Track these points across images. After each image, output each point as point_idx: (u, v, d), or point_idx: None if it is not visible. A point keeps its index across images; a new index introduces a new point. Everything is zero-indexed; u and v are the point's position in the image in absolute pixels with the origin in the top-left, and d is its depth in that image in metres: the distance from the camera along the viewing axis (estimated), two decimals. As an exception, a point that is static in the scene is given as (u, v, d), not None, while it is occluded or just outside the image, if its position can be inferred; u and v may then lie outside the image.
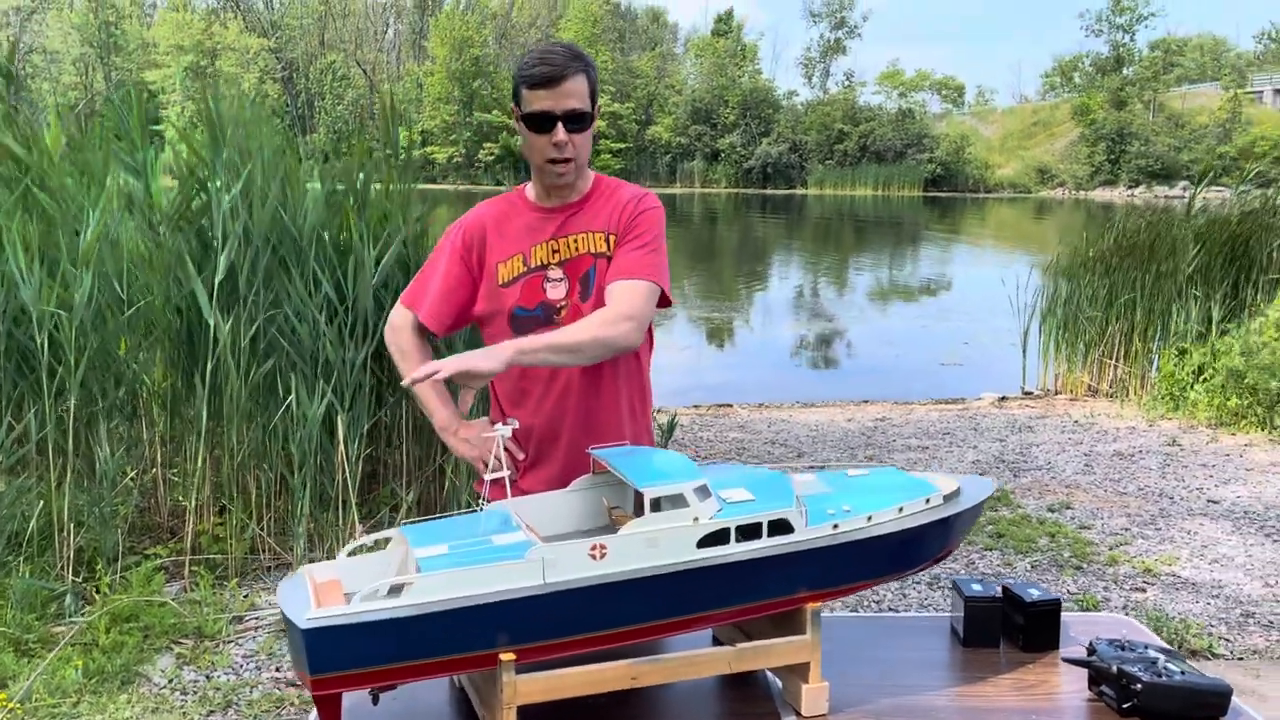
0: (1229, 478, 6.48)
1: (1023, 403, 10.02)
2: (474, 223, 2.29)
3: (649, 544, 1.66)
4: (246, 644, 3.92)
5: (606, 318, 2.12)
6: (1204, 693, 1.73)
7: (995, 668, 1.96)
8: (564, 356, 2.05)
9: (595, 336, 2.07)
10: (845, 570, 1.79)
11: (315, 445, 4.30)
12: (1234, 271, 9.51)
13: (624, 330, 2.09)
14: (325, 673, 1.55)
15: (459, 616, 1.57)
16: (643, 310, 2.14)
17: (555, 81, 2.12)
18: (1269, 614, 4.25)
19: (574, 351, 2.06)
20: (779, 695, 1.84)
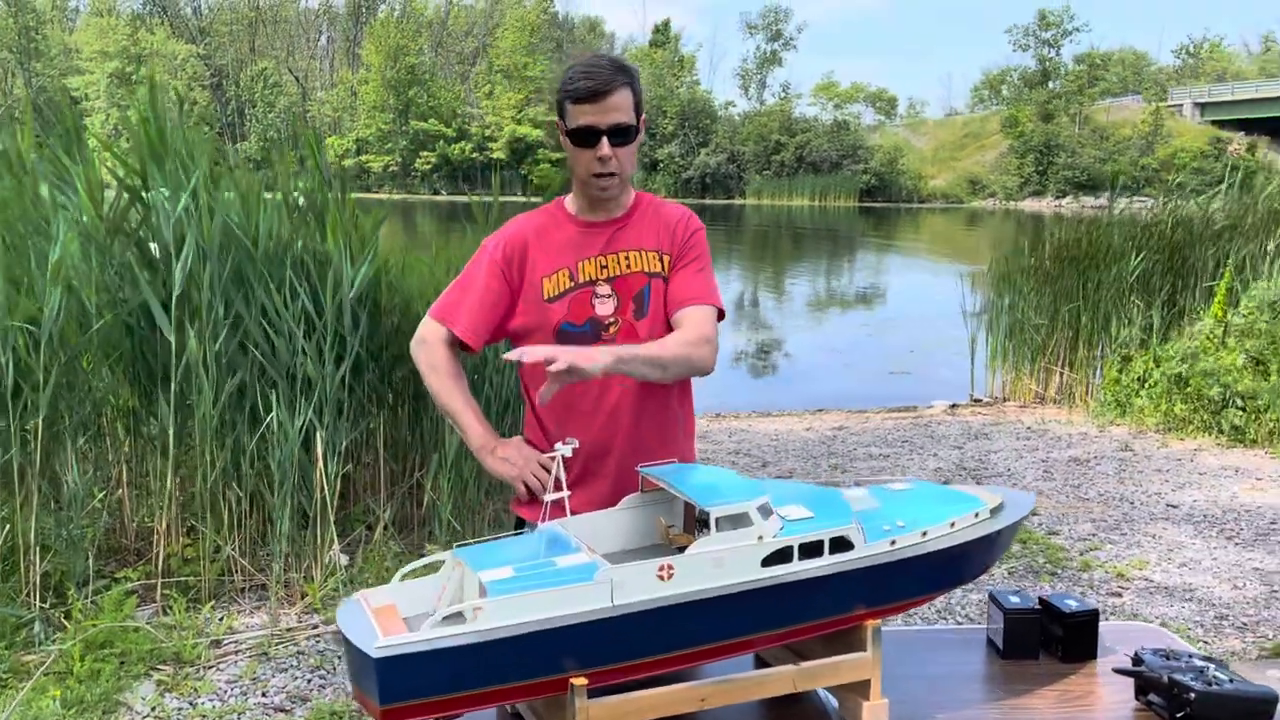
0: (1184, 482, 6.65)
1: (974, 410, 10.19)
2: (515, 236, 2.25)
3: (715, 564, 1.65)
4: (229, 669, 3.81)
5: (689, 339, 2.14)
6: (1254, 700, 1.76)
7: (1038, 680, 1.98)
8: (654, 371, 2.09)
9: (682, 355, 2.13)
10: (903, 586, 1.79)
11: (294, 463, 4.20)
12: (1172, 279, 9.79)
13: (705, 353, 2.17)
14: (396, 702, 1.50)
15: (532, 641, 1.54)
16: (715, 334, 2.21)
17: (600, 96, 2.10)
18: (1241, 615, 4.37)
19: (663, 367, 2.10)
20: (834, 712, 1.83)
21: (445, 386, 2.24)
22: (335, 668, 3.83)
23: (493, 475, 2.29)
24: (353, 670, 1.57)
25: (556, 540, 1.73)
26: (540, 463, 2.22)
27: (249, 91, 69.55)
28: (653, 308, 2.22)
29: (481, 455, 2.24)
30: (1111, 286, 9.83)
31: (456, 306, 2.25)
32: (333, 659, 3.89)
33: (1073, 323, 10.06)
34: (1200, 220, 10.02)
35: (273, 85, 69.98)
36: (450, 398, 2.25)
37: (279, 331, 4.27)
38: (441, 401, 2.27)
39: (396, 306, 4.81)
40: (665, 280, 2.25)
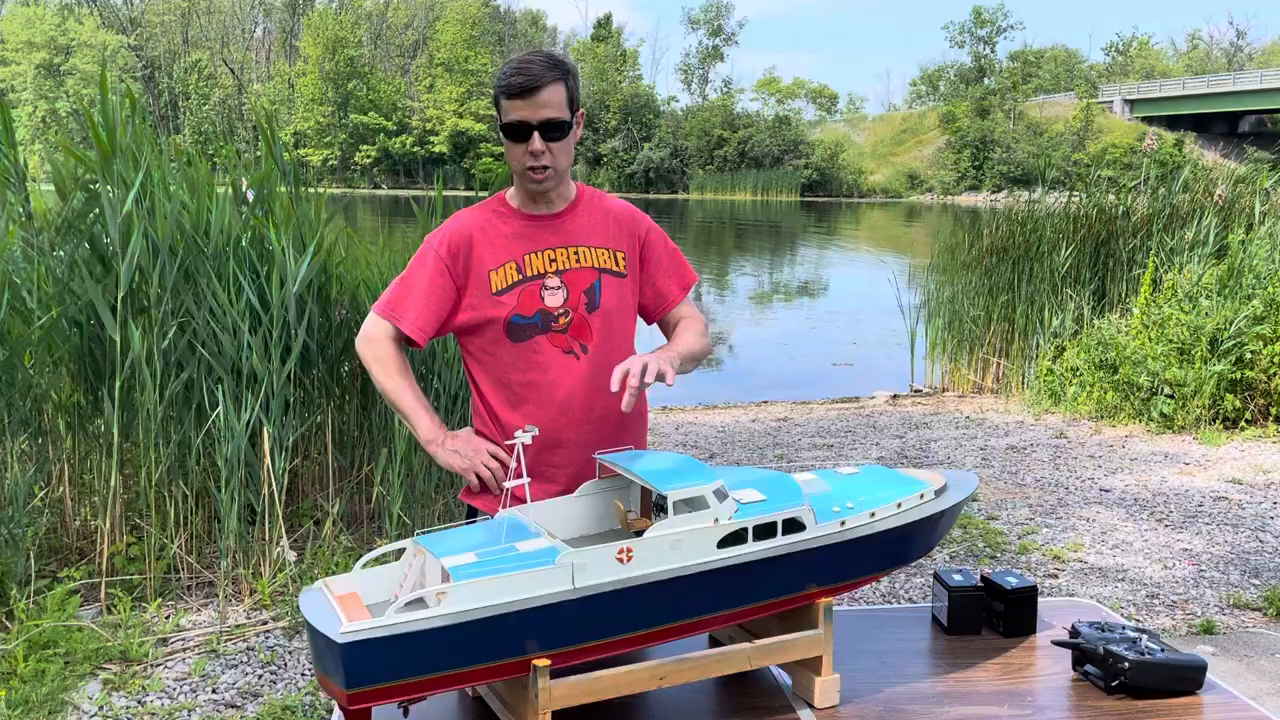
0: (1115, 468, 6.86)
1: (915, 400, 10.38)
2: (459, 231, 2.27)
3: (673, 546, 1.69)
4: (176, 666, 3.77)
5: (700, 330, 2.38)
6: (1184, 668, 1.86)
7: (981, 653, 2.06)
8: (690, 366, 2.31)
9: (706, 348, 2.38)
10: (853, 565, 1.85)
11: (241, 459, 4.17)
12: (1101, 270, 10.06)
13: (710, 341, 2.43)
14: (363, 686, 1.53)
15: (496, 624, 1.57)
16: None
17: (531, 91, 2.13)
18: (1171, 594, 4.53)
19: (695, 361, 2.33)
20: (788, 689, 1.89)
21: (393, 382, 2.26)
22: (286, 663, 3.82)
23: (443, 467, 2.31)
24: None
25: (516, 526, 1.77)
26: (490, 452, 2.25)
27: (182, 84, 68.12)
28: (604, 301, 2.26)
29: (431, 448, 2.26)
30: (1044, 278, 10.08)
31: (401, 302, 2.27)
32: (284, 654, 3.87)
33: (1008, 314, 10.31)
34: (1123, 213, 10.30)
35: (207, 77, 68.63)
36: (398, 393, 2.27)
37: (224, 327, 4.23)
38: (389, 397, 2.29)
39: (344, 299, 4.79)
40: (618, 276, 2.29)
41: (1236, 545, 5.18)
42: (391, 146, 64.44)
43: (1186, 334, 7.92)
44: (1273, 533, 5.36)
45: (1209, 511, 5.78)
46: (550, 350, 2.22)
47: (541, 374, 2.22)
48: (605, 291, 2.26)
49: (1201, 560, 4.95)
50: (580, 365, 2.23)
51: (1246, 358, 7.78)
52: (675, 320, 2.42)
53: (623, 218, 2.35)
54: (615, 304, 2.28)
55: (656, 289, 2.41)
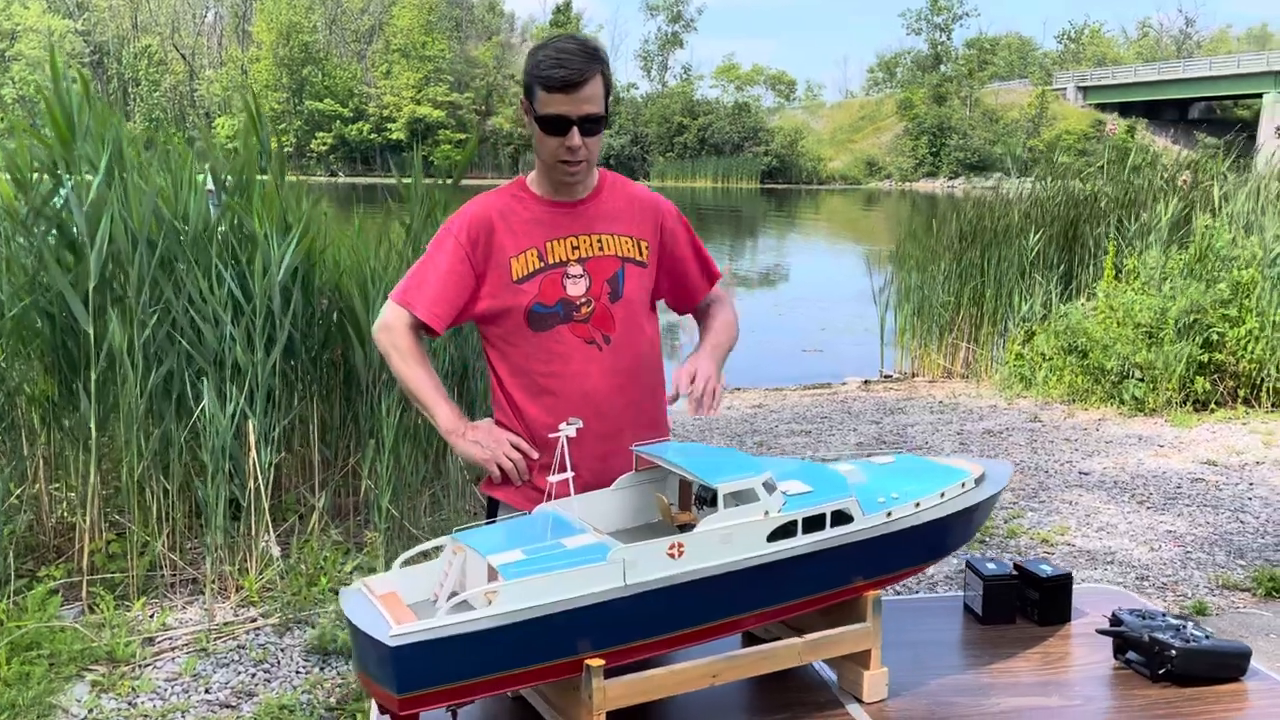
0: (1092, 450, 6.92)
1: (886, 385, 10.43)
2: (478, 217, 2.20)
3: (723, 540, 1.65)
4: (166, 666, 3.67)
5: (730, 319, 2.42)
6: (1229, 654, 1.85)
7: (1019, 643, 2.04)
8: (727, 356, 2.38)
9: (735, 337, 2.41)
10: (899, 557, 1.82)
11: (226, 453, 4.06)
12: (1068, 256, 10.15)
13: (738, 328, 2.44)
14: (415, 691, 1.47)
15: (548, 623, 1.52)
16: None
17: (574, 87, 2.06)
18: (1160, 576, 4.57)
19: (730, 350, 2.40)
20: (833, 684, 1.86)
21: (411, 371, 2.20)
22: (280, 661, 3.73)
23: (463, 458, 2.25)
24: (363, 660, 1.53)
25: (558, 521, 1.71)
26: (512, 443, 2.19)
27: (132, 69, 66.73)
28: (627, 291, 2.21)
29: (452, 439, 2.20)
30: (1013, 263, 10.15)
31: (419, 290, 2.20)
32: (276, 652, 3.78)
33: (977, 299, 10.38)
34: (1088, 198, 10.40)
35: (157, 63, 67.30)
36: (417, 382, 2.21)
37: (205, 317, 4.11)
38: (408, 386, 2.22)
39: (326, 286, 4.68)
40: (640, 266, 2.24)
41: (1218, 526, 5.24)
42: (348, 133, 63.60)
43: (1151, 317, 8.01)
44: (1252, 513, 5.44)
45: (1188, 493, 5.84)
46: (572, 340, 2.17)
47: (564, 364, 2.17)
48: (628, 281, 2.21)
49: (1186, 542, 5.01)
50: (602, 356, 2.18)
51: (1214, 340, 7.89)
52: (705, 306, 2.39)
53: (646, 206, 2.30)
54: (637, 294, 2.23)
55: (684, 281, 2.38)
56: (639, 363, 2.25)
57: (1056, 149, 15.91)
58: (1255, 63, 56.02)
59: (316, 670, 3.67)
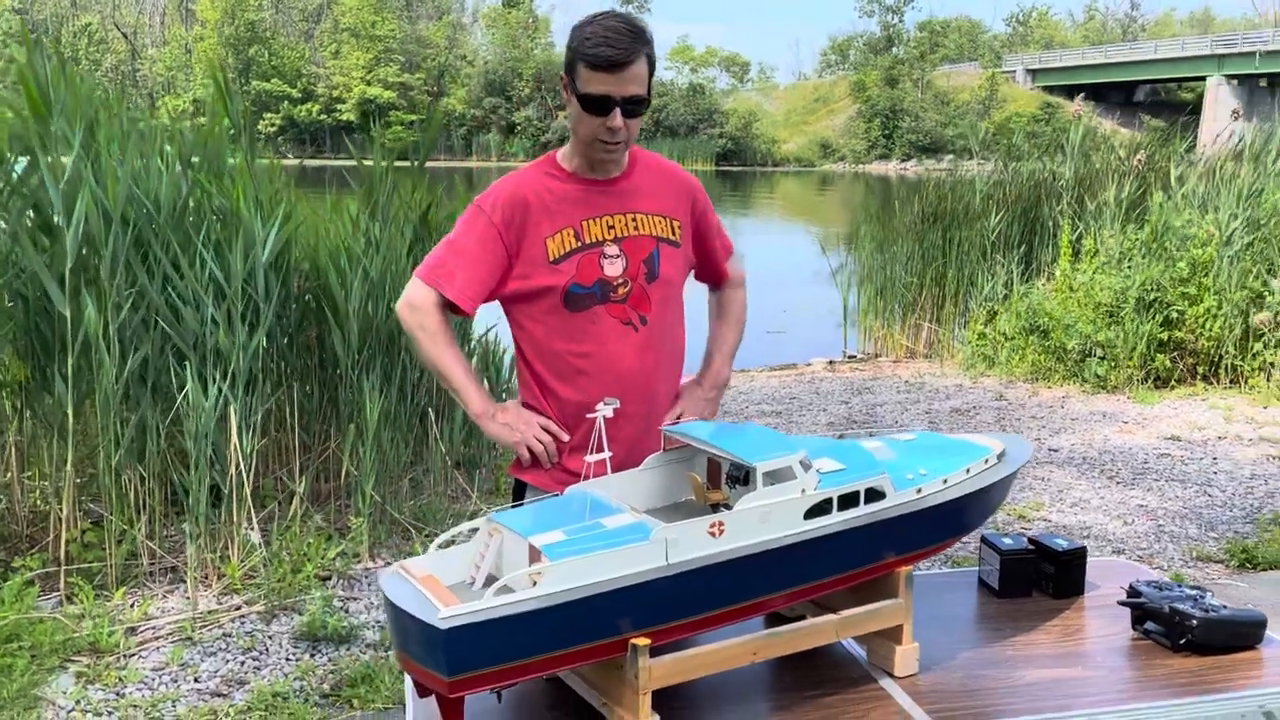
0: (1059, 428, 7.04)
1: (852, 366, 10.51)
2: (513, 195, 2.16)
3: (762, 519, 1.65)
4: (151, 656, 3.61)
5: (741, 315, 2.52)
6: (1247, 623, 1.89)
7: (1037, 615, 2.07)
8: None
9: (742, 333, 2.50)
10: (929, 533, 1.84)
11: (209, 440, 3.99)
12: (1028, 236, 10.28)
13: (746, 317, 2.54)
14: (464, 673, 1.46)
15: (594, 603, 1.51)
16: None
17: (620, 67, 2.03)
18: (1136, 549, 4.67)
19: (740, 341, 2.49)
20: (863, 660, 1.87)
21: (441, 352, 2.17)
22: (268, 648, 3.69)
23: (492, 440, 2.23)
24: (406, 644, 1.51)
25: (595, 502, 1.70)
26: (542, 425, 2.18)
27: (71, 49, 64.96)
28: (664, 272, 2.20)
29: (481, 421, 2.18)
30: (974, 244, 10.26)
31: (447, 267, 2.16)
32: (264, 640, 3.73)
33: (939, 280, 10.49)
34: (1047, 179, 10.54)
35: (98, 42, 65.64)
36: (447, 365, 2.18)
37: (186, 300, 4.03)
38: (437, 367, 2.19)
39: (302, 266, 4.61)
40: (674, 246, 2.24)
41: (1187, 500, 5.36)
42: (296, 114, 62.54)
43: (1111, 296, 8.15)
44: (1219, 487, 5.57)
45: (1155, 468, 5.97)
46: (609, 321, 2.15)
47: (599, 345, 2.15)
48: (664, 262, 2.20)
49: (1158, 515, 5.12)
50: (638, 337, 2.17)
51: (1174, 318, 8.05)
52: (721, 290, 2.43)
53: (680, 185, 2.29)
54: (673, 274, 2.23)
55: (710, 259, 2.40)
56: (672, 344, 2.25)
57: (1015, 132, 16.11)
58: (1199, 46, 57.04)
59: (307, 657, 3.63)
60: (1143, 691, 1.76)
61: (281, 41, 65.91)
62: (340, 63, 64.70)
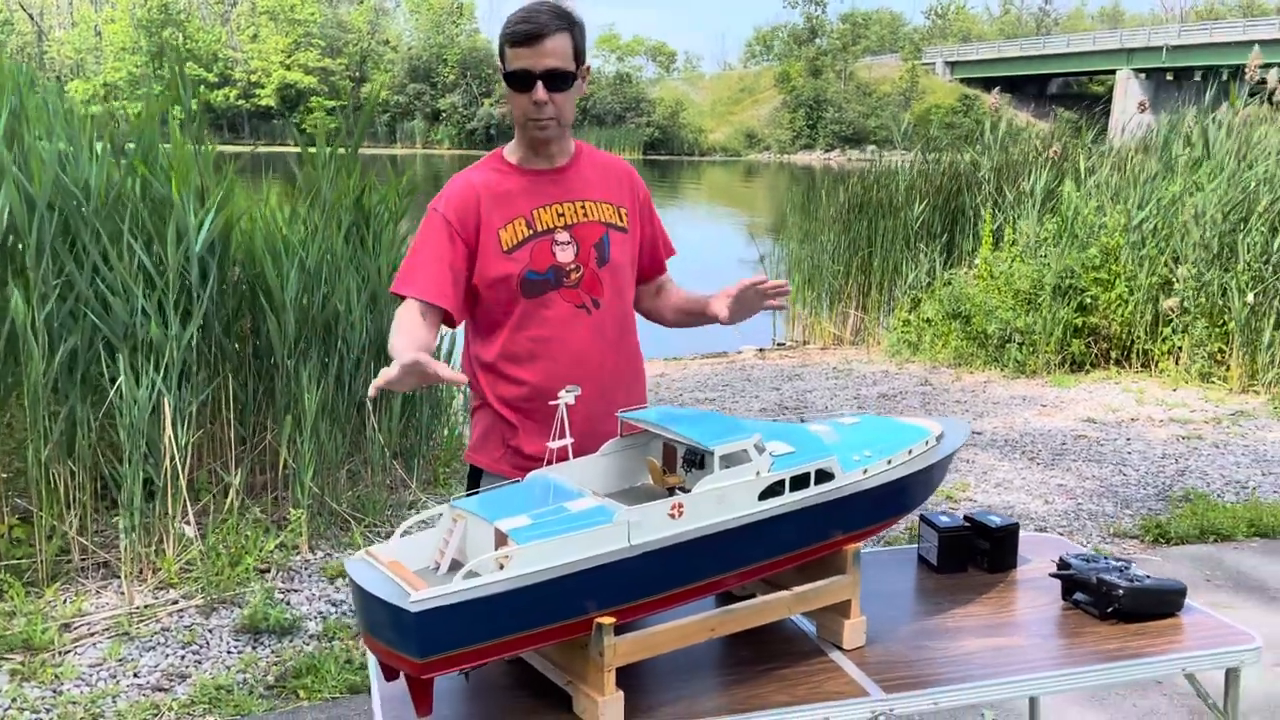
0: (981, 411, 7.26)
1: (781, 353, 10.67)
2: (462, 192, 2.20)
3: (719, 500, 1.71)
4: (88, 652, 3.55)
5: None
6: (1169, 592, 2.01)
7: (974, 589, 2.17)
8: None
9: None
10: (875, 511, 1.92)
11: (143, 433, 3.93)
12: (950, 225, 10.55)
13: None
14: (435, 655, 1.49)
15: (561, 585, 1.56)
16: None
17: (536, 39, 2.09)
18: (1057, 527, 4.86)
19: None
20: (812, 635, 1.95)
21: (392, 340, 2.16)
22: (209, 642, 3.65)
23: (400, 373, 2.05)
24: (373, 626, 1.54)
25: (556, 487, 1.75)
26: None
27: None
28: (614, 256, 2.25)
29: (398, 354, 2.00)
30: (898, 233, 10.49)
31: (412, 273, 2.19)
32: (204, 633, 3.70)
33: (865, 268, 10.71)
34: (967, 169, 10.81)
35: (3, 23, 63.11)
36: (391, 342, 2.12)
37: (115, 290, 3.96)
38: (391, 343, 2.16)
39: (237, 255, 4.55)
40: (623, 231, 2.28)
41: (1104, 479, 5.59)
42: (213, 100, 60.94)
43: (1028, 284, 8.42)
44: (1132, 466, 5.81)
45: (1072, 449, 6.20)
46: (562, 305, 2.19)
47: (554, 329, 2.19)
48: (614, 247, 2.25)
49: (1077, 494, 5.33)
50: (591, 320, 2.22)
51: (1088, 304, 8.35)
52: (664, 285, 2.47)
53: (622, 174, 2.35)
54: (622, 259, 2.27)
55: (652, 252, 2.44)
56: (625, 326, 2.30)
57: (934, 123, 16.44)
58: (1109, 40, 58.75)
59: (249, 650, 3.61)
60: (1075, 658, 1.87)
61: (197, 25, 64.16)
62: (259, 46, 63.24)
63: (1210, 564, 4.40)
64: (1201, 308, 7.81)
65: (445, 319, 2.19)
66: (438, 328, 2.19)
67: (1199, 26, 56.44)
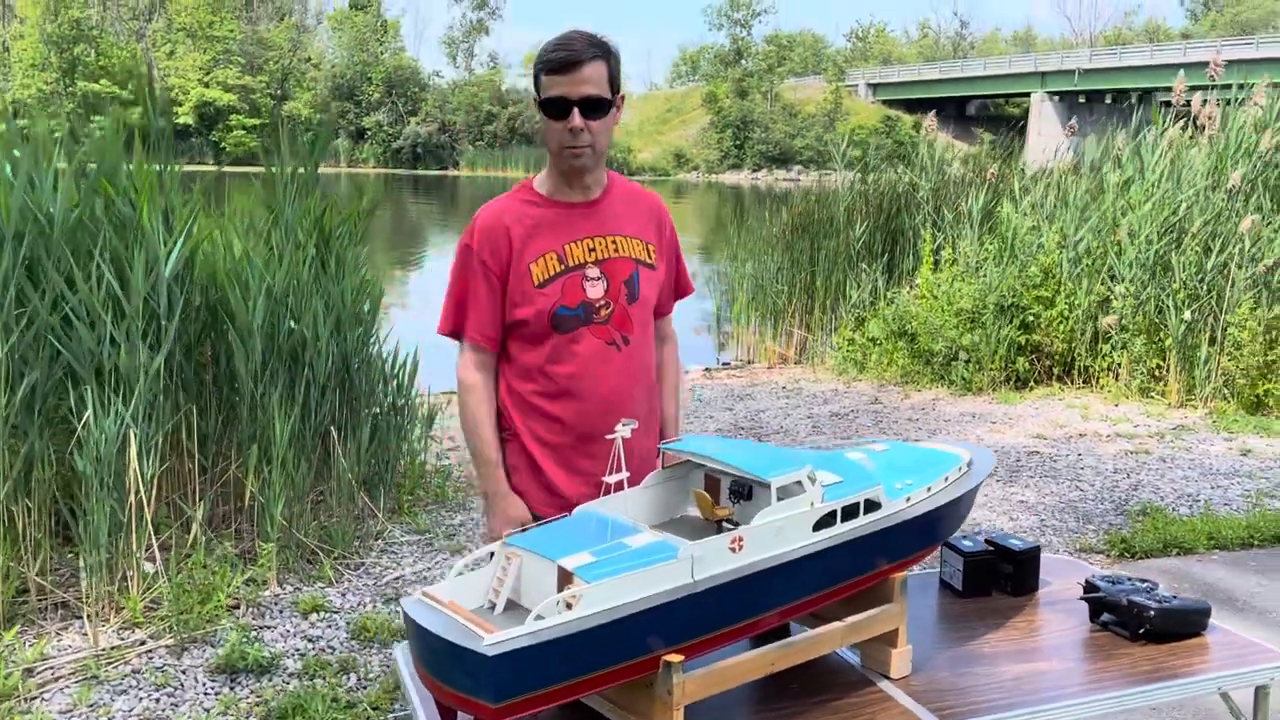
0: (933, 428, 7.38)
1: (729, 373, 10.72)
2: (493, 227, 2.19)
3: (776, 532, 1.70)
4: (56, 698, 3.39)
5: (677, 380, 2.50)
6: (1196, 612, 2.05)
7: (1001, 613, 2.19)
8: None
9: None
10: (918, 540, 1.93)
11: (110, 468, 3.78)
12: (890, 245, 10.74)
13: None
14: (510, 698, 1.45)
15: (631, 623, 1.53)
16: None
17: (572, 67, 2.08)
18: (1024, 544, 4.94)
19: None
20: (857, 665, 1.94)
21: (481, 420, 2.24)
22: (183, 684, 3.52)
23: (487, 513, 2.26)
24: (442, 670, 1.50)
25: (615, 523, 1.72)
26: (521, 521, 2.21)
27: (-128, 42, 60.02)
28: (643, 293, 2.24)
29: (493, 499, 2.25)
30: (841, 253, 10.65)
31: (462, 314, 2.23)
32: (177, 674, 3.56)
33: (809, 288, 10.84)
34: (906, 191, 11.03)
35: (-97, 36, 60.82)
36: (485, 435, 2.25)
37: (80, 318, 3.81)
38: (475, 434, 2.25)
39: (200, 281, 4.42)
40: (652, 268, 2.27)
41: (1061, 495, 5.71)
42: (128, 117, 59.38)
43: (971, 303, 8.60)
44: (1087, 481, 5.95)
45: (1027, 466, 6.33)
46: (593, 341, 2.17)
47: (584, 366, 2.17)
48: (643, 284, 2.24)
49: (1038, 510, 5.43)
50: (621, 357, 2.20)
51: (1030, 322, 8.55)
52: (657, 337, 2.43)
53: (651, 209, 2.34)
54: (651, 296, 2.26)
55: (665, 294, 2.42)
56: (651, 363, 2.28)
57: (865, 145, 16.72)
58: (1024, 63, 60.65)
59: (227, 690, 3.49)
60: (1113, 680, 1.90)
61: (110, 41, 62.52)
62: (175, 63, 61.84)
63: (1179, 577, 4.52)
64: (1139, 325, 8.05)
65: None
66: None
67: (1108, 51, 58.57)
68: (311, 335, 4.51)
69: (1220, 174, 8.22)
